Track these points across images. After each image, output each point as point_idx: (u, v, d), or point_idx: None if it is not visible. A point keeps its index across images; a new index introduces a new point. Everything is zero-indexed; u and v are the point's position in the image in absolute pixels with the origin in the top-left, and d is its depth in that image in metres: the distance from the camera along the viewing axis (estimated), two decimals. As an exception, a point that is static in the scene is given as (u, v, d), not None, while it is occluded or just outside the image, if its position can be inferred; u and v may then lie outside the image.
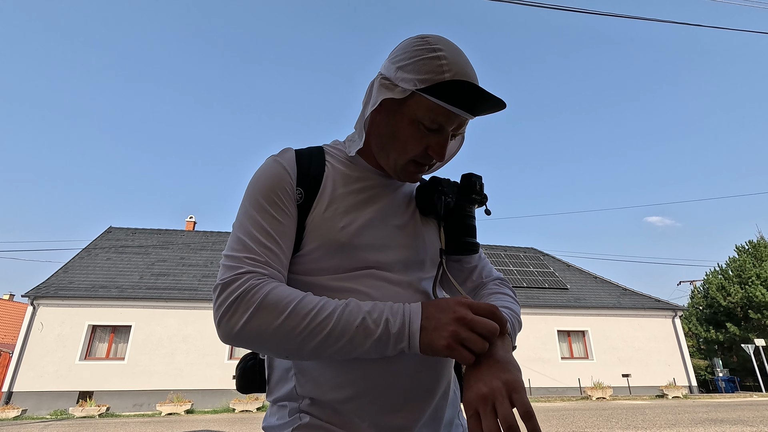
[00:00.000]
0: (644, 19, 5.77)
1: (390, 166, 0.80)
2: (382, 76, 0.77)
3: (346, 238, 0.73)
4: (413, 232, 0.81)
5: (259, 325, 0.63)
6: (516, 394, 0.56)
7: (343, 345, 0.63)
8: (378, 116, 0.78)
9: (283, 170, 0.77)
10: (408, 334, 0.63)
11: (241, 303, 0.64)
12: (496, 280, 0.90)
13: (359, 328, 0.63)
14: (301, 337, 0.63)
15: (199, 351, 14.51)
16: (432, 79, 0.70)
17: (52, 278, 15.24)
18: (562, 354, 16.89)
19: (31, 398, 13.21)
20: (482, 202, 0.85)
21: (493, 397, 0.56)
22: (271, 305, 0.64)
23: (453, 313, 0.62)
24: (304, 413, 0.71)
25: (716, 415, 9.28)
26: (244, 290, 0.65)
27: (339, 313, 0.64)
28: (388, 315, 0.64)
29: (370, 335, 0.63)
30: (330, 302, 0.65)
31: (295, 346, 0.64)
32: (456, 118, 0.73)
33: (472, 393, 0.58)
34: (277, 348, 0.65)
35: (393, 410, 0.69)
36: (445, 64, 0.71)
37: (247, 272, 0.67)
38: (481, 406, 0.56)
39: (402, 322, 0.63)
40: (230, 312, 0.64)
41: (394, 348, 0.64)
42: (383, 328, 0.63)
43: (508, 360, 0.61)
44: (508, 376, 0.58)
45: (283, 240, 0.73)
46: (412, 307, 0.65)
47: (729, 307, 23.30)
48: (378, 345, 0.63)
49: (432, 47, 0.73)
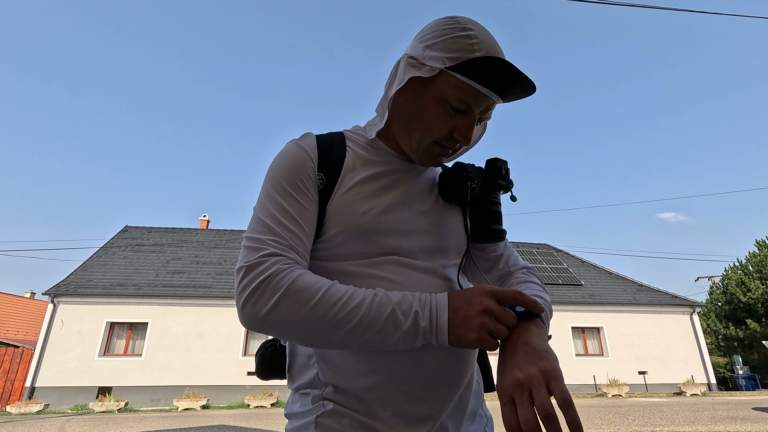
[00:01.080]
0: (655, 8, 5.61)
1: (412, 149, 0.77)
2: (408, 55, 0.74)
3: (368, 223, 0.72)
4: (437, 219, 0.79)
5: (286, 311, 0.61)
6: (554, 381, 0.54)
7: (372, 336, 0.62)
8: (402, 96, 0.76)
9: (305, 154, 0.75)
10: (436, 327, 0.62)
11: (267, 287, 0.62)
12: (523, 269, 0.87)
13: (389, 320, 0.61)
14: (329, 326, 0.61)
15: (214, 347, 14.70)
16: (462, 57, 0.68)
17: (71, 276, 15.58)
18: (577, 351, 16.69)
19: (53, 393, 13.54)
20: (508, 188, 0.83)
21: (530, 384, 0.54)
22: (299, 292, 0.62)
23: (480, 305, 0.61)
24: (328, 400, 0.70)
25: (737, 413, 9.08)
26: (270, 274, 0.63)
27: (369, 303, 0.62)
28: (417, 307, 0.62)
29: (399, 327, 0.61)
30: (359, 291, 0.64)
31: (323, 335, 0.62)
32: (484, 99, 0.71)
33: (507, 379, 0.56)
34: (302, 336, 0.63)
35: (417, 400, 0.68)
36: (476, 42, 0.69)
37: (272, 254, 0.65)
38: (517, 393, 0.54)
39: (430, 316, 0.62)
40: (255, 296, 0.62)
41: (422, 340, 0.63)
42: (412, 321, 0.62)
43: (545, 348, 0.59)
44: (545, 364, 0.56)
45: (306, 224, 0.71)
46: (439, 299, 0.63)
47: (749, 303, 22.75)
48: (406, 337, 0.62)
49: (462, 26, 0.71)
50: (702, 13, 5.56)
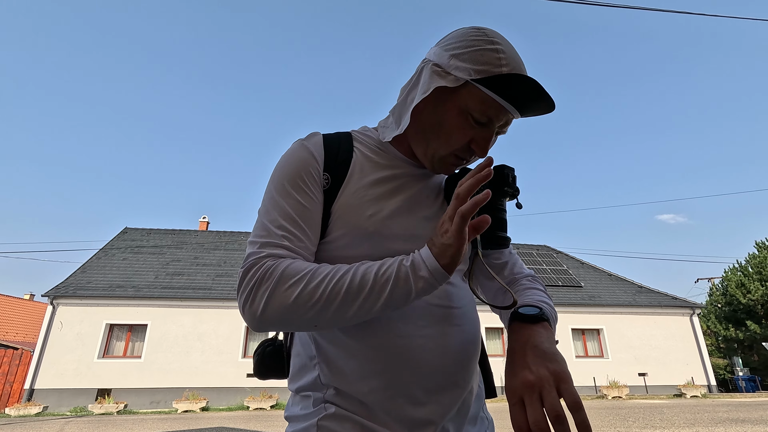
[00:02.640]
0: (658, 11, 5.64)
1: (427, 157, 0.77)
2: (432, 62, 0.73)
3: (373, 227, 0.72)
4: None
5: (280, 301, 0.63)
6: (564, 384, 0.54)
7: (366, 297, 0.62)
8: (422, 103, 0.75)
9: (308, 154, 0.75)
10: (422, 259, 0.62)
11: (260, 285, 0.64)
12: (528, 277, 0.87)
13: (377, 276, 0.62)
14: (321, 301, 0.62)
15: (214, 349, 14.66)
16: (489, 71, 0.68)
17: (71, 278, 15.56)
18: (577, 352, 16.68)
19: (52, 395, 13.51)
20: (514, 195, 0.82)
21: (540, 386, 0.54)
22: (288, 278, 0.63)
23: (449, 215, 0.61)
24: (330, 403, 0.70)
25: (737, 414, 9.07)
26: (262, 272, 0.64)
27: (354, 269, 0.64)
28: (401, 259, 0.64)
29: (389, 278, 0.62)
30: (343, 266, 0.65)
31: (319, 312, 0.63)
32: (505, 114, 0.71)
33: (517, 380, 0.56)
34: (301, 320, 0.64)
35: (418, 403, 0.68)
36: (504, 57, 0.69)
37: (266, 256, 0.67)
38: (527, 394, 0.54)
39: (413, 257, 0.63)
40: (251, 296, 0.64)
41: (417, 280, 0.62)
42: (397, 266, 0.63)
43: (554, 351, 0.59)
44: (555, 366, 0.56)
45: (309, 226, 0.72)
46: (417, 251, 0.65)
47: (749, 304, 22.74)
48: (398, 284, 0.62)
49: (490, 39, 0.71)
50: (702, 15, 5.58)
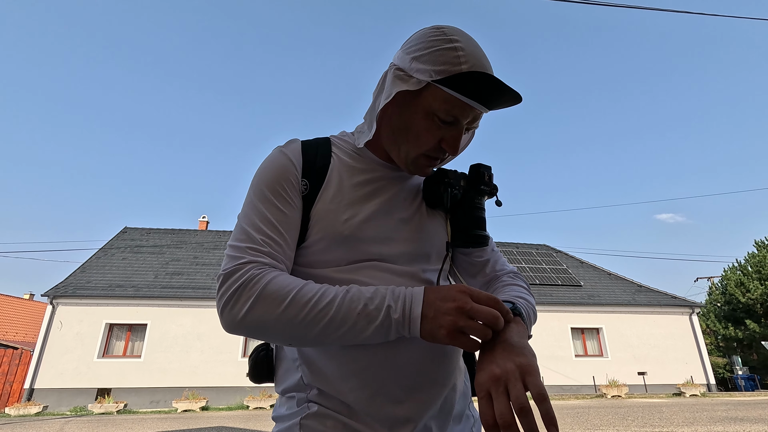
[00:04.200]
0: (655, 9, 5.64)
1: (401, 159, 0.78)
2: (395, 66, 0.75)
3: (349, 231, 0.73)
4: (418, 225, 0.80)
5: (261, 314, 0.64)
6: (530, 376, 0.55)
7: (346, 332, 0.63)
8: (391, 108, 0.76)
9: (288, 161, 0.77)
10: (409, 320, 0.62)
11: (243, 293, 0.65)
12: (509, 273, 0.88)
13: (360, 315, 0.63)
14: (302, 325, 0.63)
15: (214, 349, 14.68)
16: (448, 70, 0.69)
17: (71, 278, 15.56)
18: (576, 352, 16.69)
19: (52, 395, 13.52)
20: (492, 193, 0.83)
21: (506, 379, 0.55)
22: (272, 294, 0.64)
23: (453, 302, 0.61)
24: (313, 403, 0.72)
25: (736, 413, 9.09)
26: (245, 280, 0.65)
27: (340, 300, 0.64)
28: (389, 301, 0.63)
29: (372, 321, 0.63)
30: (331, 289, 0.65)
31: (298, 334, 0.64)
32: (471, 110, 0.72)
33: (484, 374, 0.58)
34: (279, 336, 0.66)
35: (397, 401, 0.69)
36: (462, 55, 0.69)
37: (248, 262, 0.67)
38: (493, 387, 0.56)
39: (403, 308, 0.63)
40: (232, 301, 0.65)
41: (396, 333, 0.64)
42: (384, 315, 0.63)
43: (522, 345, 0.60)
44: (522, 359, 0.57)
45: (287, 231, 0.73)
46: (414, 292, 0.64)
47: (748, 303, 22.75)
48: (380, 330, 0.63)
49: (448, 38, 0.71)
50: (701, 14, 5.58)
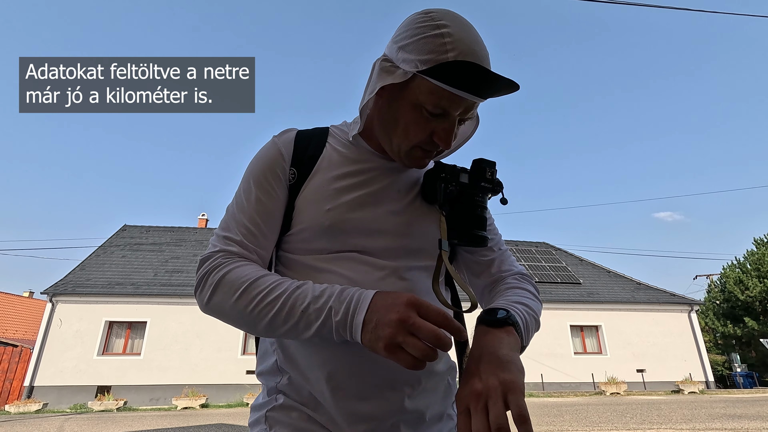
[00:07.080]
0: (655, 7, 5.62)
1: (393, 152, 0.75)
2: (384, 57, 0.72)
3: (330, 221, 0.71)
4: (409, 219, 0.75)
5: (219, 301, 0.67)
6: (512, 395, 0.51)
7: (291, 328, 0.63)
8: (380, 100, 0.74)
9: (276, 152, 0.77)
10: (351, 326, 0.59)
11: (207, 280, 0.68)
12: (516, 275, 0.83)
13: (304, 313, 0.62)
14: (251, 316, 0.64)
15: (213, 346, 14.69)
16: (434, 59, 0.64)
17: (70, 276, 15.55)
18: (575, 349, 16.72)
19: (52, 392, 13.53)
20: (495, 190, 0.77)
21: (486, 395, 0.52)
22: (228, 283, 0.66)
23: (397, 314, 0.56)
24: (281, 393, 0.73)
25: (734, 410, 9.11)
26: (210, 268, 0.69)
27: (288, 295, 0.63)
28: (333, 303, 0.61)
29: (313, 321, 0.61)
30: (283, 283, 0.65)
31: (249, 323, 0.66)
32: (462, 101, 0.67)
33: (466, 389, 0.55)
34: (236, 324, 0.68)
35: (362, 398, 0.67)
36: (449, 42, 0.64)
37: (220, 251, 0.70)
38: (473, 403, 0.53)
39: (346, 313, 0.60)
40: (200, 287, 0.69)
41: (338, 336, 0.61)
42: (326, 316, 0.61)
43: (510, 359, 0.57)
44: (506, 376, 0.54)
45: (266, 222, 0.74)
46: (363, 297, 0.61)
47: (747, 301, 22.79)
48: (322, 331, 0.61)
49: (436, 24, 0.66)
50: (701, 12, 5.56)
